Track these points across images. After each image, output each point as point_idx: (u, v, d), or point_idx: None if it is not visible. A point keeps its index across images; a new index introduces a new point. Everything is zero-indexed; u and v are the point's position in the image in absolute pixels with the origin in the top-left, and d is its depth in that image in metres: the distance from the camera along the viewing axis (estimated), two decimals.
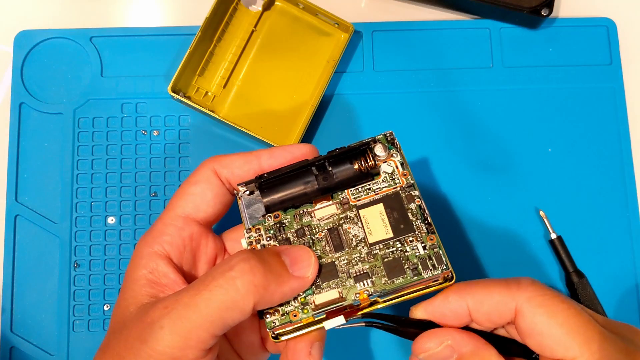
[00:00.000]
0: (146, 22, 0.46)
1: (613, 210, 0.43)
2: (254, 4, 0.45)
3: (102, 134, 0.44)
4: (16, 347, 0.41)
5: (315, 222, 0.30)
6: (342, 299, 0.28)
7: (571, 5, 0.47)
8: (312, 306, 0.28)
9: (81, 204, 0.43)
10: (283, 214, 0.30)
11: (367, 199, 0.30)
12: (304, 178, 0.30)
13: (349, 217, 0.30)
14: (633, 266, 0.43)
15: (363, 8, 0.47)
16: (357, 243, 0.29)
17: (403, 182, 0.30)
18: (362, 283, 0.28)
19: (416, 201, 0.30)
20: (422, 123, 0.44)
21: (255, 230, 0.30)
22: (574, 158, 0.44)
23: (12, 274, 0.42)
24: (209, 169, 0.31)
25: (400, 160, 0.31)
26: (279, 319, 0.28)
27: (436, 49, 0.45)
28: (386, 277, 0.28)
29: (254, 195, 0.31)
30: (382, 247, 0.29)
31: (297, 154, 0.31)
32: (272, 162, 0.31)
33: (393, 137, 0.31)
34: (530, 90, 0.45)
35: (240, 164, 0.31)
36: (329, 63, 0.43)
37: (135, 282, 0.29)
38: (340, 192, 0.31)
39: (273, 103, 0.44)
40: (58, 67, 0.44)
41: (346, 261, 0.29)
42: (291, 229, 0.30)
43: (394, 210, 0.30)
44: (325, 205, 0.30)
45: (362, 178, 0.30)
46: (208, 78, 0.44)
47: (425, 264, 0.28)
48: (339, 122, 0.44)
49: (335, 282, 0.29)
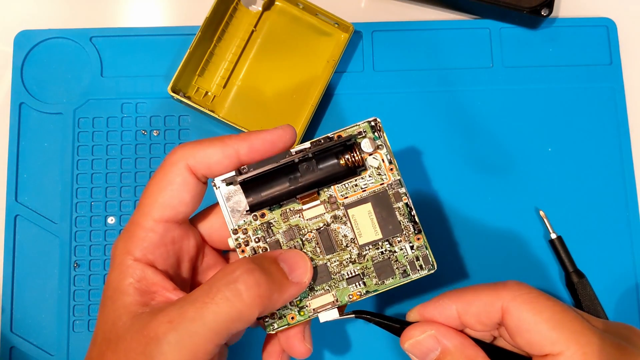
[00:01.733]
0: (146, 22, 0.46)
1: (613, 210, 0.43)
2: (254, 4, 0.45)
3: (102, 134, 0.44)
4: (16, 347, 0.41)
5: (303, 223, 0.30)
6: (336, 302, 0.30)
7: (571, 5, 0.47)
8: (309, 309, 0.30)
9: (81, 204, 0.43)
10: (269, 212, 0.30)
11: (354, 196, 0.30)
12: (288, 174, 0.29)
13: (338, 216, 0.30)
14: (633, 266, 0.43)
15: (363, 8, 0.47)
16: (347, 244, 0.30)
17: (390, 178, 0.30)
18: (354, 285, 0.30)
19: (403, 199, 0.30)
20: (422, 123, 0.44)
21: (242, 231, 0.30)
22: (574, 158, 0.44)
23: (12, 274, 0.42)
24: (182, 166, 0.29)
25: (386, 153, 0.30)
26: (277, 322, 0.30)
27: (436, 49, 0.45)
28: (377, 279, 0.30)
29: (232, 186, 0.30)
30: (372, 248, 0.30)
31: (277, 143, 0.30)
32: (251, 155, 0.29)
33: (378, 124, 0.30)
34: (530, 90, 0.45)
35: (217, 159, 0.29)
36: (329, 63, 0.43)
37: (123, 292, 0.28)
38: (326, 189, 0.30)
39: (273, 103, 0.44)
40: (58, 67, 0.44)
41: (337, 262, 0.30)
42: (279, 230, 0.30)
43: (382, 209, 0.30)
44: (314, 206, 0.30)
45: (348, 174, 0.30)
46: (208, 78, 0.44)
47: (414, 264, 0.30)
48: (339, 122, 0.44)
49: (329, 284, 0.30)
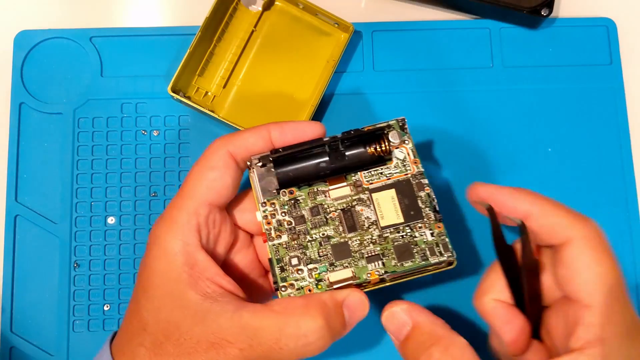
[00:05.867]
0: (146, 22, 0.46)
1: (613, 210, 0.43)
2: (254, 4, 0.45)
3: (102, 134, 0.44)
4: (16, 347, 0.41)
5: (329, 202, 0.31)
6: (354, 277, 0.30)
7: (571, 5, 0.47)
8: (326, 282, 0.30)
9: (81, 204, 0.43)
10: (297, 190, 0.32)
11: (379, 182, 0.32)
12: (318, 157, 0.32)
13: (362, 199, 0.32)
14: (633, 266, 0.43)
15: (363, 8, 0.47)
16: (369, 225, 0.31)
17: (414, 170, 0.32)
18: (373, 264, 0.30)
19: (425, 189, 0.31)
20: (422, 123, 0.44)
21: (270, 204, 0.31)
22: (574, 158, 0.44)
23: (12, 274, 0.42)
24: (224, 152, 0.31)
25: (411, 148, 0.32)
26: (294, 292, 0.30)
27: (436, 49, 0.45)
28: (396, 260, 0.30)
29: (266, 168, 0.32)
30: (393, 231, 0.31)
31: (307, 132, 0.32)
32: (282, 139, 0.31)
33: (405, 123, 0.33)
34: (530, 90, 0.45)
35: (253, 141, 0.31)
36: (329, 63, 0.43)
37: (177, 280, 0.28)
38: (353, 174, 0.32)
39: (273, 103, 0.44)
40: (58, 67, 0.44)
41: (359, 242, 0.31)
42: (305, 207, 0.31)
43: (405, 197, 0.31)
44: (340, 186, 0.32)
45: (375, 162, 0.32)
46: (208, 78, 0.44)
47: (433, 250, 0.31)
48: (339, 122, 0.44)
49: (348, 261, 0.30)
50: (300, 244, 0.31)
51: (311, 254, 0.31)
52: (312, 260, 0.30)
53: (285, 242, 0.31)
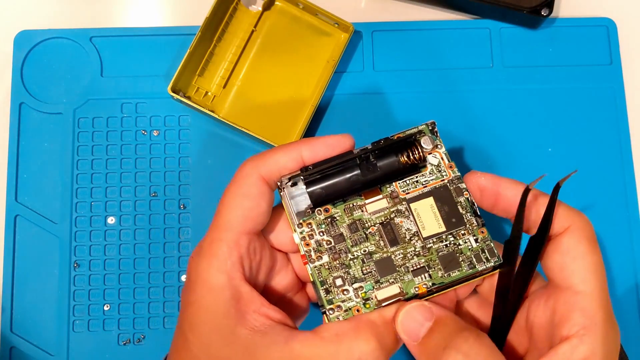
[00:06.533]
0: (146, 22, 0.46)
1: (613, 210, 0.43)
2: (254, 4, 0.45)
3: (102, 134, 0.44)
4: (16, 347, 0.41)
5: (366, 217, 0.30)
6: (402, 293, 0.29)
7: (571, 5, 0.47)
8: (374, 301, 0.29)
9: (81, 204, 0.43)
10: (333, 207, 0.30)
11: (416, 192, 0.31)
12: (349, 171, 0.30)
13: (400, 210, 0.30)
14: (633, 266, 0.43)
15: (363, 8, 0.47)
16: (411, 237, 0.30)
17: (450, 175, 0.31)
18: (420, 277, 0.29)
19: (465, 194, 0.30)
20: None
21: (307, 225, 0.30)
22: (574, 158, 0.44)
23: (12, 274, 0.42)
24: (256, 177, 0.30)
25: (444, 152, 0.31)
26: (342, 315, 0.29)
27: (436, 49, 0.45)
28: (443, 271, 0.29)
29: (297, 187, 0.31)
30: (436, 241, 0.30)
31: (337, 146, 0.31)
32: (314, 157, 0.30)
33: (435, 127, 0.32)
34: (530, 90, 0.45)
35: (284, 162, 0.30)
36: (329, 63, 0.43)
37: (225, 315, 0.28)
38: (388, 185, 0.31)
39: (273, 103, 0.44)
40: (58, 67, 0.44)
41: (402, 255, 0.30)
42: (343, 224, 0.30)
43: (444, 204, 0.30)
44: (376, 199, 0.30)
45: (408, 170, 0.31)
46: (208, 78, 0.44)
47: (479, 257, 0.30)
48: (339, 122, 0.44)
49: (394, 276, 0.29)
50: (343, 263, 0.30)
51: (355, 272, 0.29)
52: (357, 279, 0.29)
53: (326, 262, 0.30)
